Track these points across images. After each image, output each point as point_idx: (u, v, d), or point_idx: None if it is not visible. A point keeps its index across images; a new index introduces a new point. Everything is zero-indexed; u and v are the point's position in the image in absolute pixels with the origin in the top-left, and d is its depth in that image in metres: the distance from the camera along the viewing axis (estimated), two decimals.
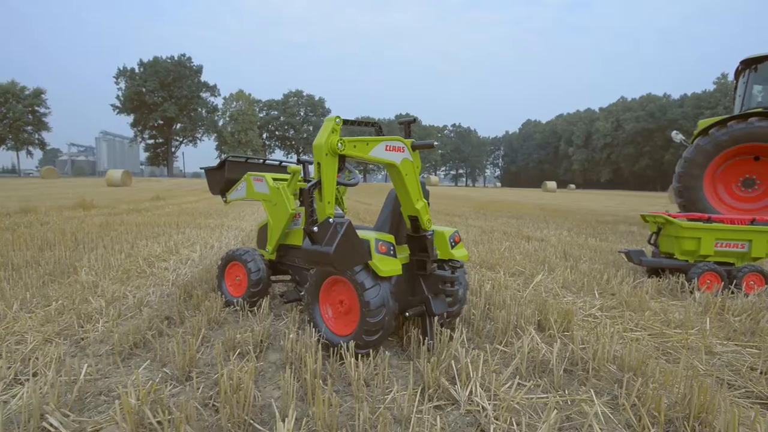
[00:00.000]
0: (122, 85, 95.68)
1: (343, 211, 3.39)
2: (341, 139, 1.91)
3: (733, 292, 3.72)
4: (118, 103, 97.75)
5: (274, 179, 3.21)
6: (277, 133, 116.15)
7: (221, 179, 3.54)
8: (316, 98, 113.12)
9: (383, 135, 2.37)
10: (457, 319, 2.90)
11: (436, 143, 2.21)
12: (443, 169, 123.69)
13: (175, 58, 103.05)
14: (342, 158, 1.97)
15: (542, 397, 1.92)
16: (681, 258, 3.99)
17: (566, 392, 1.98)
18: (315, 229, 1.88)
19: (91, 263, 4.50)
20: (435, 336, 2.33)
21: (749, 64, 9.82)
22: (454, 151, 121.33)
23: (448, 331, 2.45)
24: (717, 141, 8.87)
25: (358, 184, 3.24)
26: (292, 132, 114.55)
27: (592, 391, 1.94)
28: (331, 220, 1.90)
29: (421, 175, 2.39)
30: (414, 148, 2.25)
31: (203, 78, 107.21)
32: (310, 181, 3.33)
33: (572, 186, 75.41)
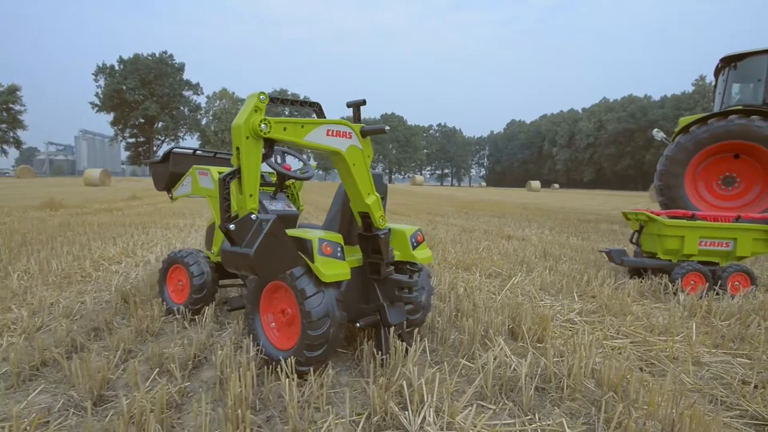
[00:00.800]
0: (101, 82, 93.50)
1: (297, 208, 3.08)
2: (266, 120, 1.60)
3: (718, 294, 3.51)
4: (97, 101, 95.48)
5: (221, 173, 2.88)
6: None
7: (166, 173, 3.19)
8: (301, 97, 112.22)
9: (325, 117, 2.07)
10: (422, 328, 2.61)
11: (387, 128, 1.91)
12: (429, 168, 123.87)
13: (157, 56, 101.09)
14: (270, 143, 1.66)
15: (508, 424, 1.64)
16: (664, 257, 3.78)
17: (536, 416, 1.70)
18: (232, 226, 1.56)
19: (29, 267, 4.10)
20: (390, 349, 2.04)
21: (729, 62, 9.78)
22: (439, 151, 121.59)
23: (409, 342, 2.16)
24: (698, 139, 8.79)
25: (312, 177, 2.93)
26: None
27: (564, 419, 1.67)
28: (253, 216, 1.59)
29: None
30: (364, 134, 1.94)
31: (186, 76, 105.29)
32: (261, 175, 3.02)
33: (556, 185, 76.14)
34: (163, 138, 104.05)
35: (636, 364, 2.27)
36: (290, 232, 2.07)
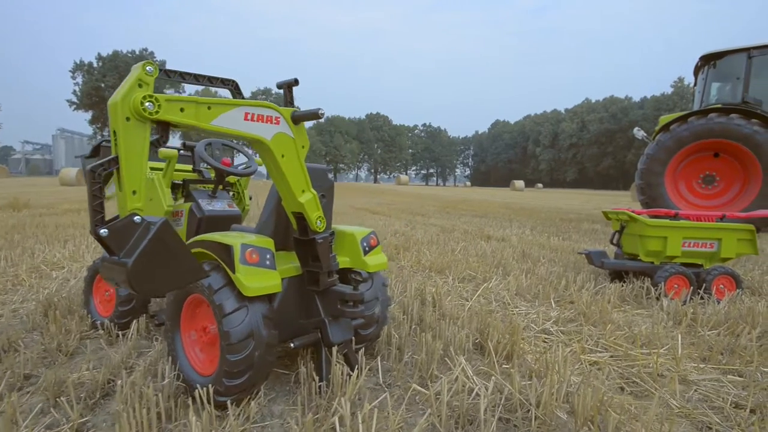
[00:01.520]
0: (79, 80, 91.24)
1: (241, 209, 2.75)
2: (152, 96, 1.27)
3: (702, 298, 3.29)
4: (75, 99, 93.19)
5: (152, 169, 2.54)
6: None
7: None
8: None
9: (243, 98, 1.76)
10: (378, 343, 2.30)
11: (322, 111, 1.60)
12: (414, 168, 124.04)
13: (137, 53, 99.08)
14: (164, 127, 1.34)
15: None
16: (646, 259, 3.55)
17: None
18: (104, 231, 1.23)
19: None
20: (331, 374, 1.73)
21: (708, 61, 9.73)
22: (424, 151, 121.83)
23: (352, 364, 1.85)
24: (678, 137, 8.71)
25: (254, 173, 2.60)
26: None
27: None
28: (137, 218, 1.26)
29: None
30: (296, 119, 1.62)
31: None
32: (200, 171, 2.68)
33: (540, 185, 76.84)
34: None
35: (616, 382, 2.01)
36: (209, 236, 1.75)
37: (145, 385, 1.63)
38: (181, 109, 1.34)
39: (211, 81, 1.77)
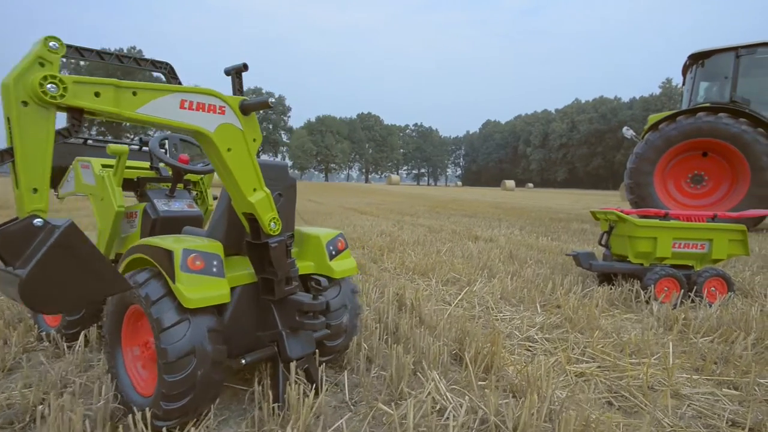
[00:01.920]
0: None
1: (203, 210, 2.55)
2: (55, 78, 1.08)
3: (693, 301, 3.16)
4: None
5: (104, 166, 2.33)
6: None
7: None
8: (276, 95, 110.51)
9: (180, 83, 1.57)
10: (348, 355, 2.12)
11: (272, 99, 1.41)
12: (405, 168, 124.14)
13: (125, 50, 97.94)
14: (77, 115, 1.15)
15: None
16: (635, 261, 3.41)
17: None
18: None
19: None
20: (289, 392, 1.55)
21: (696, 60, 9.69)
22: (416, 151, 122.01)
23: (312, 380, 1.67)
24: (667, 136, 8.65)
25: (213, 171, 2.41)
26: None
27: None
28: (37, 221, 1.07)
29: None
30: (245, 109, 1.44)
31: (156, 73, 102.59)
32: (157, 168, 2.48)
33: (530, 185, 77.26)
34: (132, 137, 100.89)
35: (604, 397, 1.85)
36: (148, 240, 1.56)
37: (72, 410, 1.43)
38: (96, 94, 1.15)
39: (138, 62, 1.58)
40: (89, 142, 2.70)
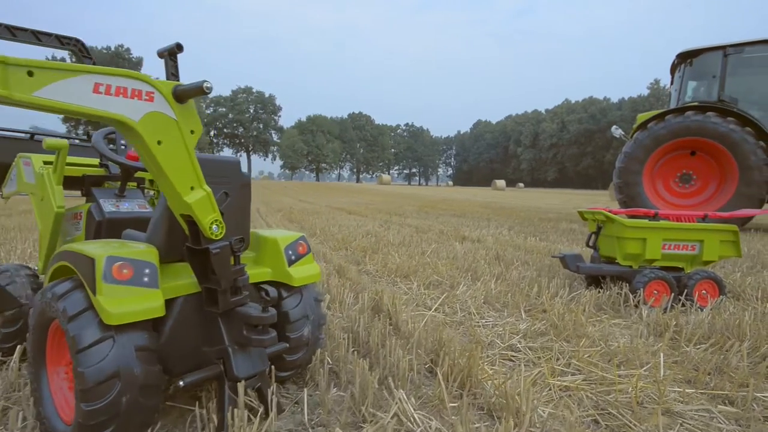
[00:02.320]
0: None
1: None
2: None
3: (684, 305, 3.03)
4: None
5: (45, 162, 2.12)
6: (225, 130, 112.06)
7: None
8: (266, 95, 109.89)
9: (93, 62, 1.38)
10: (311, 371, 1.93)
11: (208, 84, 1.22)
12: (396, 168, 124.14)
13: (112, 49, 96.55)
14: None
15: None
16: (624, 263, 3.27)
17: None
18: None
19: None
20: (234, 416, 1.36)
21: (684, 58, 9.65)
22: (407, 150, 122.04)
23: (262, 400, 1.48)
24: (655, 135, 8.59)
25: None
26: (241, 130, 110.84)
27: None
28: None
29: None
30: (179, 96, 1.24)
31: (144, 71, 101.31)
32: (106, 165, 2.27)
33: (521, 185, 77.61)
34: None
35: (590, 414, 1.69)
36: (70, 246, 1.36)
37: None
38: None
39: (39, 37, 1.38)
40: (36, 137, 2.49)
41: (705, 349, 2.20)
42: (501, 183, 51.96)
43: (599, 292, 3.23)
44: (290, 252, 1.74)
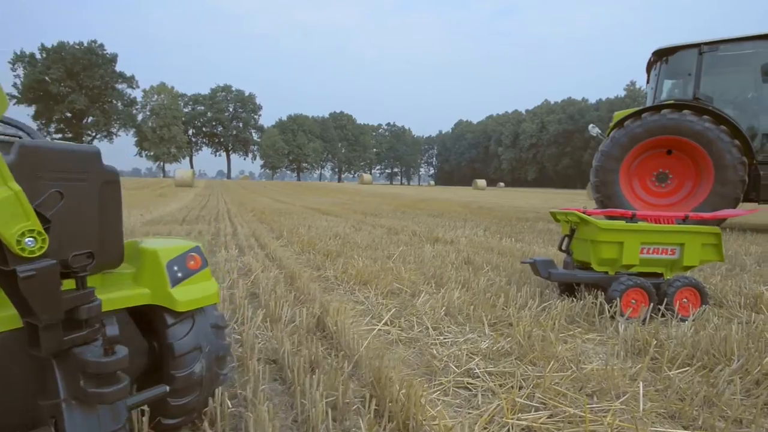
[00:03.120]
0: (20, 72, 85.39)
1: None
2: None
3: (664, 316, 2.74)
4: (16, 92, 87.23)
5: None
6: (204, 129, 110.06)
7: None
8: (246, 93, 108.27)
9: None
10: (211, 415, 1.55)
11: None
12: (378, 167, 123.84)
13: (85, 45, 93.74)
14: None
15: None
16: (599, 269, 2.97)
17: None
18: None
19: None
20: None
21: (660, 56, 9.55)
22: (389, 150, 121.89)
23: None
24: (632, 133, 8.44)
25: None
26: (220, 128, 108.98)
27: None
28: None
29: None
30: None
31: (119, 68, 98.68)
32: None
33: (501, 184, 78.22)
34: (94, 134, 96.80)
35: None
36: None
37: None
38: None
39: None
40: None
41: (690, 374, 1.89)
42: (482, 183, 52.09)
43: (572, 302, 2.92)
44: (175, 268, 1.35)
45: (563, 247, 3.20)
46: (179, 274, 1.36)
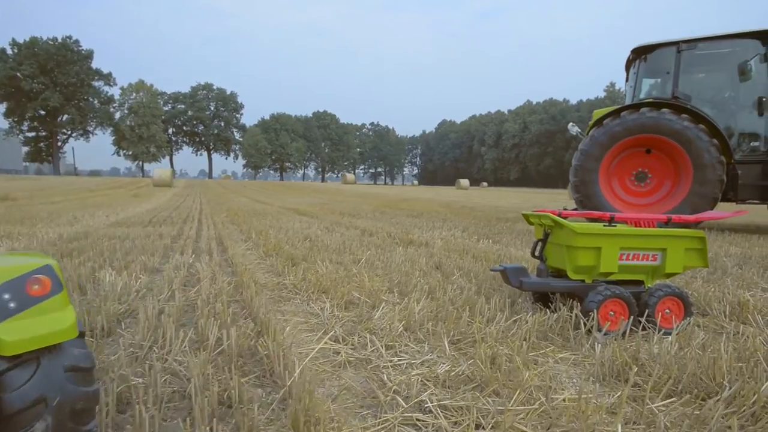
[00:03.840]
0: None
1: None
2: None
3: (645, 328, 2.48)
4: None
5: None
6: (184, 128, 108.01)
7: None
8: (228, 92, 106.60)
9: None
10: None
11: None
12: (362, 167, 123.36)
13: (59, 40, 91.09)
14: None
15: None
16: (574, 277, 2.70)
17: None
18: None
19: None
20: None
21: (639, 54, 9.44)
22: (373, 150, 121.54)
23: None
24: (611, 132, 8.29)
25: None
26: (201, 128, 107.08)
27: None
28: None
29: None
30: None
31: (95, 64, 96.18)
32: None
33: (484, 184, 78.60)
34: (69, 132, 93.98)
35: None
36: None
37: None
38: None
39: None
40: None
41: (677, 406, 1.61)
42: (465, 182, 52.18)
43: (546, 314, 2.64)
44: (6, 296, 1.00)
45: (536, 253, 2.92)
46: (11, 305, 1.01)
